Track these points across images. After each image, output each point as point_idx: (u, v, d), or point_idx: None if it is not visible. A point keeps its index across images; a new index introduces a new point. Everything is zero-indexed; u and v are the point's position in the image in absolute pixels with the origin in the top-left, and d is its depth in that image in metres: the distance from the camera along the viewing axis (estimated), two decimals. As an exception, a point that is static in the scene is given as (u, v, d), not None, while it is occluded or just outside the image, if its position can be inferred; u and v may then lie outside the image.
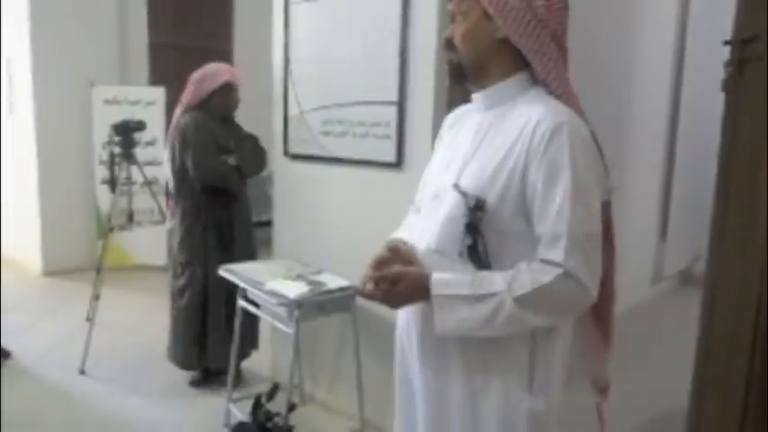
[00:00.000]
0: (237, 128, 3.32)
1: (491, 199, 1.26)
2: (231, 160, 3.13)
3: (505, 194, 1.26)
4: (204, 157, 3.06)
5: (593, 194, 1.27)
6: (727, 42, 1.76)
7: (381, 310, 2.63)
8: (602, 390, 1.56)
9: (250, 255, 3.24)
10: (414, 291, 1.30)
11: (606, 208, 1.36)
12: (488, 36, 1.32)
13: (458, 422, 1.37)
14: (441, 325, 1.28)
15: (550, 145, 1.23)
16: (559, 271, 1.21)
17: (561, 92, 1.32)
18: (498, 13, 1.29)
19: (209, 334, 3.18)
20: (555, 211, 1.22)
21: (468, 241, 1.27)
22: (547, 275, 1.21)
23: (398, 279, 1.30)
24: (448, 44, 1.40)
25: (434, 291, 1.28)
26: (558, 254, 1.21)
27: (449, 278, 1.28)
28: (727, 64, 1.76)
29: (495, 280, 1.25)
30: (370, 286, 1.33)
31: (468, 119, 1.45)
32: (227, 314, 3.14)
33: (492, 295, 1.24)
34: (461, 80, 1.41)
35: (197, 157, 3.05)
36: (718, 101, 1.85)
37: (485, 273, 1.27)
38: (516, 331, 1.28)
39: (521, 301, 1.22)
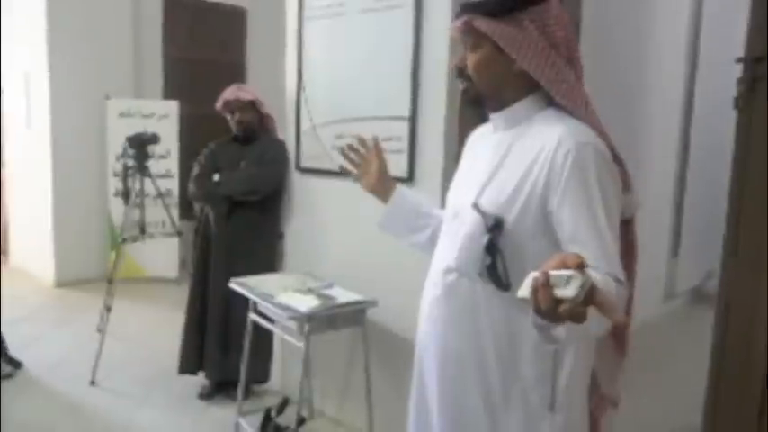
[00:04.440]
0: (256, 148, 3.23)
1: (511, 217, 1.26)
2: (216, 179, 3.17)
3: (525, 213, 1.26)
4: (191, 176, 3.30)
5: (617, 212, 1.28)
6: (739, 60, 1.77)
7: (391, 324, 2.65)
8: (614, 404, 1.55)
9: (260, 268, 3.09)
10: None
11: (631, 225, 1.35)
12: (504, 69, 1.32)
13: None
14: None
15: (575, 165, 1.22)
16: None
17: (581, 116, 1.30)
18: (510, 47, 1.28)
19: (206, 346, 3.23)
20: (590, 235, 1.20)
21: (488, 261, 1.26)
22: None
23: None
24: (460, 72, 1.39)
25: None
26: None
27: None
28: (740, 82, 1.76)
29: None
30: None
31: (487, 138, 1.45)
32: (224, 329, 3.19)
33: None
34: (476, 106, 1.41)
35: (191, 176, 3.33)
36: (730, 117, 1.85)
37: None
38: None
39: None
